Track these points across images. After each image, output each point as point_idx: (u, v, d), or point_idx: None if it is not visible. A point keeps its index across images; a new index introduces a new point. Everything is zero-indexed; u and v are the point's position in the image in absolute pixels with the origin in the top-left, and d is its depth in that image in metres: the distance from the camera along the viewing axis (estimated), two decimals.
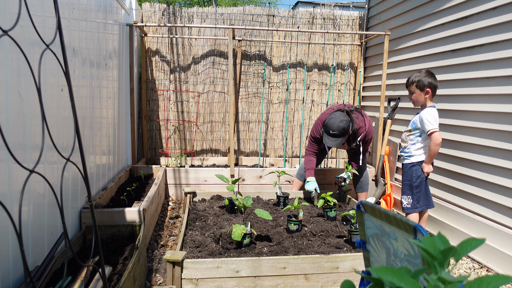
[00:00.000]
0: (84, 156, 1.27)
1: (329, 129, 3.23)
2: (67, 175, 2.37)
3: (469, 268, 2.80)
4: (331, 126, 3.21)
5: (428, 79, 2.89)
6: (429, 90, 2.89)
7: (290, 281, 2.21)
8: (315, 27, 5.17)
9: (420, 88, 2.90)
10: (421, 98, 2.93)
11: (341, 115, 3.25)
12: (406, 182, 3.01)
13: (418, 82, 2.90)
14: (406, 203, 3.00)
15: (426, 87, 2.89)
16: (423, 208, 3.00)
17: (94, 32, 2.94)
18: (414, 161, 2.94)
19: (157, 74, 4.99)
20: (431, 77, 2.91)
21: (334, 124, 3.20)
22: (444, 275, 0.61)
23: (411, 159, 2.97)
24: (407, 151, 3.01)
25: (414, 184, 2.94)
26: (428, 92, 2.90)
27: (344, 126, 3.19)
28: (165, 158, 4.96)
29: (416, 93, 2.94)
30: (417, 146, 2.94)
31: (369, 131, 3.41)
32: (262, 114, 5.10)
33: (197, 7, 4.99)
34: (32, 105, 1.85)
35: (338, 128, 3.19)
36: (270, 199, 3.76)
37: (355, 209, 1.37)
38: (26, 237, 1.82)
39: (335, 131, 3.20)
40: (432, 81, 2.90)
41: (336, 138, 3.24)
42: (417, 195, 2.94)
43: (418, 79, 2.91)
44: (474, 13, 3.06)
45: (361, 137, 3.38)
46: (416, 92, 2.93)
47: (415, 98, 2.96)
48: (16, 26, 1.03)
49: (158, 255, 2.75)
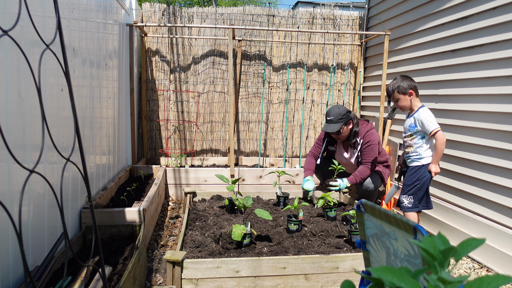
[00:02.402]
0: (84, 156, 1.27)
1: (327, 115, 3.41)
2: (67, 175, 2.37)
3: (469, 268, 2.80)
4: (329, 112, 3.41)
5: (406, 82, 2.91)
6: (412, 92, 2.90)
7: (290, 281, 2.21)
8: (315, 27, 5.17)
9: (403, 92, 2.92)
10: (407, 102, 2.94)
11: (342, 106, 3.45)
12: (410, 182, 2.96)
13: (398, 88, 2.92)
14: (407, 203, 2.98)
15: (408, 89, 2.90)
16: (423, 208, 2.99)
17: (94, 32, 2.94)
18: (425, 163, 2.91)
19: (157, 74, 4.99)
20: (408, 80, 2.93)
21: (332, 110, 3.40)
22: (444, 275, 0.61)
23: (422, 161, 2.92)
24: (416, 154, 2.95)
25: (419, 185, 2.91)
26: (411, 94, 2.91)
27: (341, 112, 3.34)
28: (165, 158, 4.96)
29: (401, 99, 2.95)
30: (424, 147, 2.91)
31: (370, 133, 3.41)
32: (262, 114, 5.10)
33: (197, 7, 4.99)
34: (32, 105, 1.85)
35: (334, 113, 3.35)
36: (270, 199, 3.76)
37: (355, 209, 1.37)
38: (26, 237, 1.82)
39: (331, 116, 3.36)
40: (410, 83, 2.92)
41: (333, 124, 3.35)
42: (419, 195, 2.93)
43: (397, 85, 2.93)
44: (474, 13, 3.06)
45: (361, 136, 3.43)
46: (400, 98, 2.95)
47: (401, 104, 2.97)
48: (16, 26, 1.03)
49: (158, 255, 2.75)
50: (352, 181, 3.35)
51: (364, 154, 3.43)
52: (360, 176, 3.36)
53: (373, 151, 3.41)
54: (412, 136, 2.98)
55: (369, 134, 3.42)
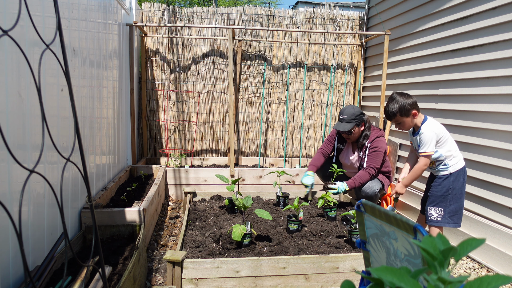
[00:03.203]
0: (84, 156, 1.27)
1: (340, 114, 3.43)
2: (67, 175, 2.37)
3: (469, 268, 2.80)
4: (343, 111, 3.43)
5: (405, 100, 2.64)
6: (416, 112, 2.66)
7: (290, 281, 2.21)
8: (315, 27, 5.17)
9: (406, 114, 2.65)
10: (412, 123, 2.71)
11: (356, 107, 3.47)
12: (439, 193, 2.69)
13: (400, 111, 2.64)
14: (436, 216, 2.69)
15: (411, 110, 2.64)
16: (455, 226, 2.67)
17: (94, 32, 2.94)
18: (453, 170, 2.66)
19: (157, 74, 4.99)
20: (407, 97, 2.66)
21: (346, 109, 3.41)
22: (444, 275, 0.61)
23: (450, 169, 2.67)
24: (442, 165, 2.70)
25: (450, 195, 2.65)
26: (415, 115, 2.66)
27: (354, 112, 3.36)
28: (165, 158, 4.96)
29: (403, 121, 2.69)
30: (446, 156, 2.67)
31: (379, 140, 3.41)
32: (262, 114, 5.10)
33: (197, 7, 4.99)
34: (32, 105, 1.85)
35: (348, 113, 3.37)
36: (270, 199, 3.76)
37: (355, 209, 1.37)
38: (26, 237, 1.82)
39: (344, 116, 3.38)
40: (410, 101, 2.64)
41: (345, 123, 3.37)
42: (451, 207, 2.65)
43: (397, 107, 2.64)
44: (474, 13, 3.06)
45: (370, 140, 3.43)
46: (403, 120, 2.68)
47: (402, 126, 2.73)
48: (16, 26, 1.03)
49: (158, 255, 2.75)
50: (351, 185, 3.31)
51: (368, 158, 3.39)
52: (359, 180, 3.31)
53: (378, 157, 3.37)
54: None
55: (378, 140, 3.40)
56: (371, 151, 3.39)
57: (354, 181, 3.32)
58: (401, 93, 2.71)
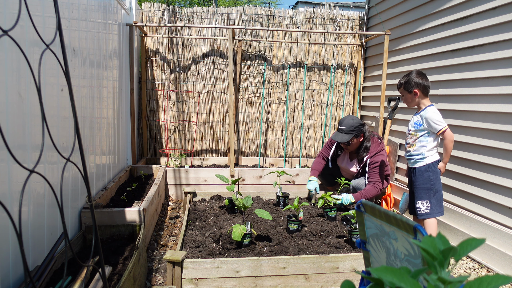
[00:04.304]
0: (84, 156, 1.27)
1: (339, 124, 3.41)
2: (67, 175, 2.37)
3: (469, 268, 2.80)
4: (342, 121, 3.41)
5: (415, 79, 2.78)
6: (417, 91, 2.78)
7: (290, 281, 2.21)
8: (315, 27, 5.17)
9: (408, 90, 2.82)
10: (411, 100, 2.85)
11: (356, 117, 3.42)
12: (422, 186, 2.82)
13: (405, 85, 2.83)
14: (424, 209, 2.80)
15: (414, 88, 2.79)
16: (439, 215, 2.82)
17: (94, 32, 2.94)
18: (429, 162, 2.79)
19: (157, 74, 4.99)
20: (419, 77, 2.79)
21: (345, 120, 3.39)
22: (444, 275, 0.61)
23: (425, 160, 2.81)
24: (418, 153, 2.84)
25: (434, 187, 2.78)
26: (416, 93, 2.79)
27: (353, 124, 3.33)
28: (165, 158, 4.96)
29: (405, 96, 2.88)
30: (428, 147, 2.80)
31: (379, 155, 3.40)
32: (262, 114, 5.10)
33: (197, 7, 4.99)
34: (32, 105, 1.85)
35: (347, 124, 3.34)
36: (270, 199, 3.76)
37: (355, 209, 1.37)
38: (26, 237, 1.82)
39: (343, 126, 3.36)
40: (419, 81, 2.77)
41: (343, 134, 3.35)
42: (435, 198, 2.78)
43: (404, 80, 2.83)
44: (474, 13, 3.06)
45: (370, 155, 3.42)
46: (405, 94, 2.86)
47: (404, 100, 2.91)
48: (16, 26, 1.03)
49: (158, 255, 2.75)
50: (358, 198, 3.34)
51: (371, 174, 3.40)
52: (366, 194, 3.33)
53: (380, 170, 3.41)
54: (416, 134, 2.87)
55: (378, 155, 3.40)
56: (372, 166, 3.40)
57: (361, 194, 3.32)
58: (419, 72, 2.85)
